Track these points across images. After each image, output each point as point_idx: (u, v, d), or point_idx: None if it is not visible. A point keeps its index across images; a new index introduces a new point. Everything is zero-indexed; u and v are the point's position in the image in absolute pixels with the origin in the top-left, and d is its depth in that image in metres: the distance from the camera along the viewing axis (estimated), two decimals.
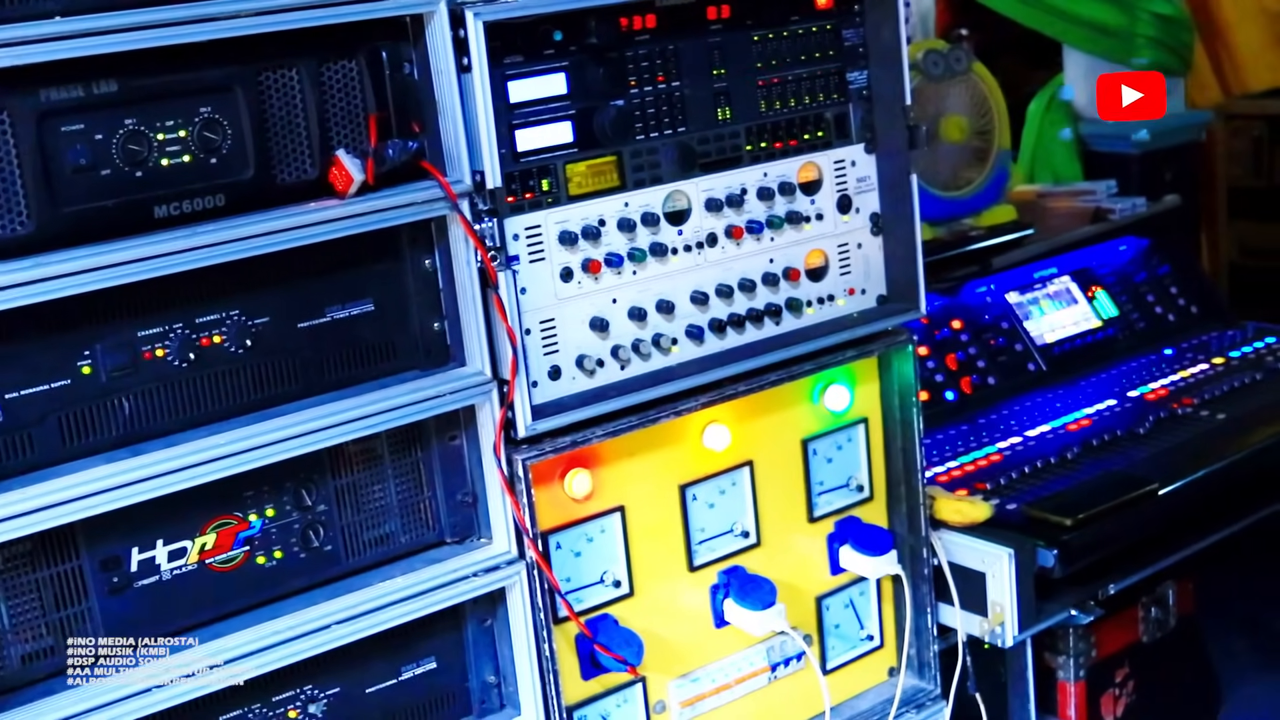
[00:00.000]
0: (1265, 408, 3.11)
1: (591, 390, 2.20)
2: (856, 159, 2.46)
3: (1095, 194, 3.88)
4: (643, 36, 2.20)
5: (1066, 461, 2.87)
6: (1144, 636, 3.08)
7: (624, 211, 2.22)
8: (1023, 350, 3.30)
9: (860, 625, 2.62)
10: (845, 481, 2.55)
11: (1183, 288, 3.65)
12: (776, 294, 2.39)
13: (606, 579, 2.29)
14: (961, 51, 3.45)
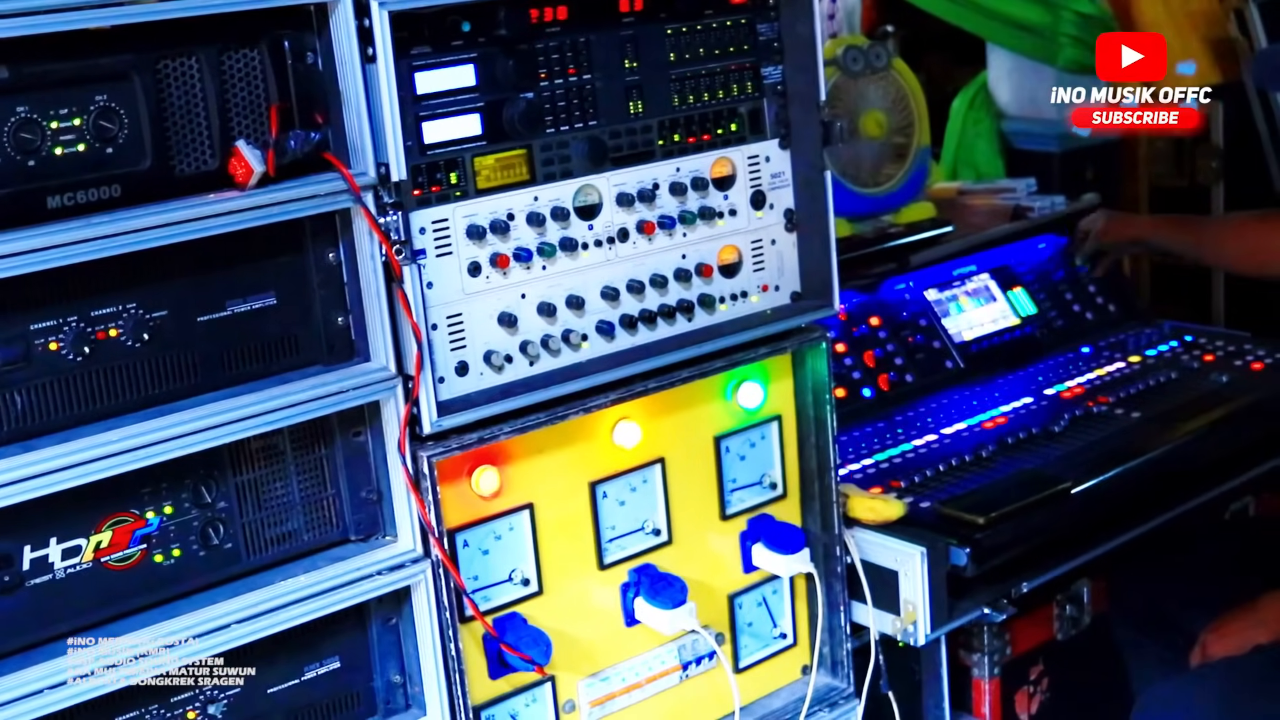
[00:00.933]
0: (1180, 407, 3.13)
1: (499, 386, 2.18)
2: (771, 154, 2.44)
3: (1015, 192, 3.89)
4: (553, 28, 2.18)
5: (981, 459, 2.87)
6: (1058, 634, 3.09)
7: (533, 205, 2.19)
8: (941, 347, 3.31)
9: (773, 623, 2.60)
10: (758, 479, 2.53)
11: (1101, 286, 3.66)
12: (689, 290, 2.37)
13: (515, 577, 2.27)
14: (881, 48, 3.45)
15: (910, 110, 3.49)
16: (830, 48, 3.39)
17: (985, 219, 3.72)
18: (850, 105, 3.39)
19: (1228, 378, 3.22)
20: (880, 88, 3.45)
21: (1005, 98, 4.82)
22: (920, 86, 3.62)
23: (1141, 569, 2.99)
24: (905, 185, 3.52)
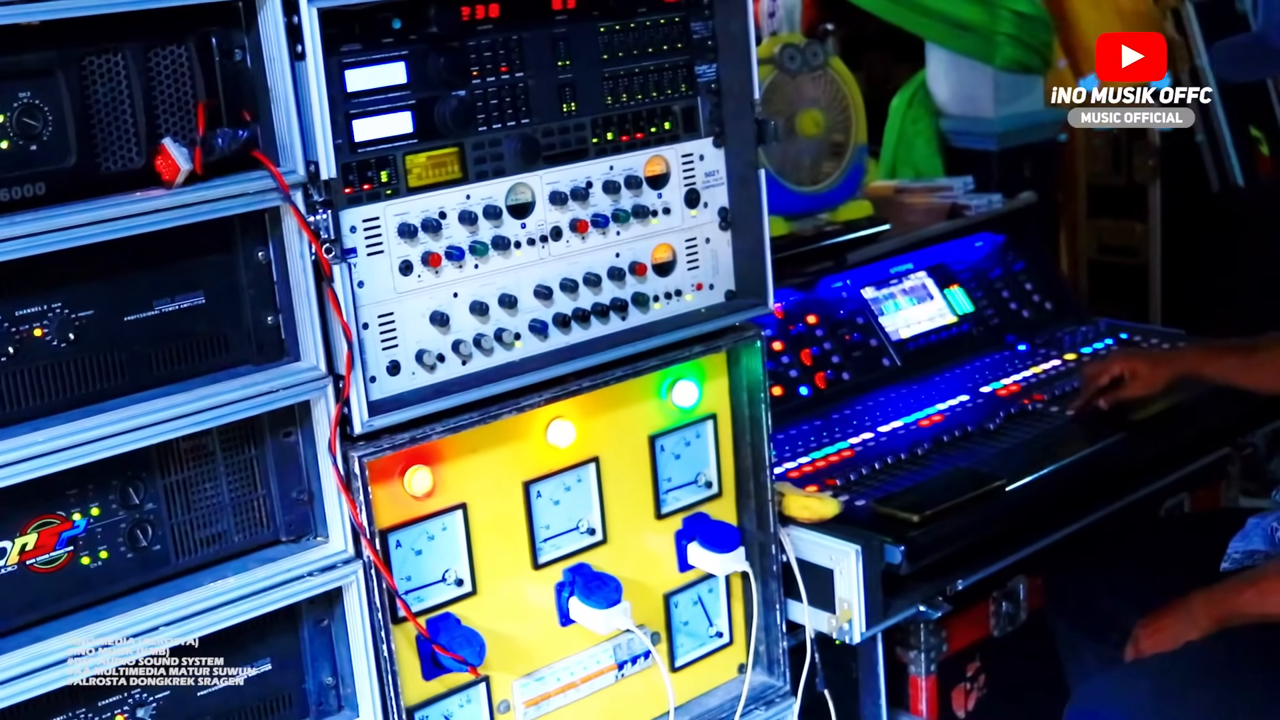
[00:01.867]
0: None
1: (432, 386, 2.16)
2: (705, 153, 2.44)
3: (952, 190, 3.90)
4: (485, 26, 2.17)
5: (917, 457, 2.88)
6: (995, 631, 3.10)
7: (466, 204, 2.18)
8: (877, 345, 3.31)
9: (709, 622, 2.60)
10: (693, 478, 2.53)
11: (1037, 284, 3.68)
12: (623, 289, 2.36)
13: (448, 577, 2.25)
14: (819, 46, 3.45)
15: (847, 109, 3.49)
16: (767, 46, 3.39)
17: (922, 217, 3.72)
18: (787, 104, 3.39)
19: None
20: (817, 86, 3.45)
21: (944, 96, 4.84)
22: (858, 85, 3.62)
23: (1077, 566, 3.00)
24: (842, 183, 3.52)
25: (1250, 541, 2.82)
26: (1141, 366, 3.09)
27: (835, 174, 3.51)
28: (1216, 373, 3.02)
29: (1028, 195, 3.82)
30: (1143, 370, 3.08)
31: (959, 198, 3.81)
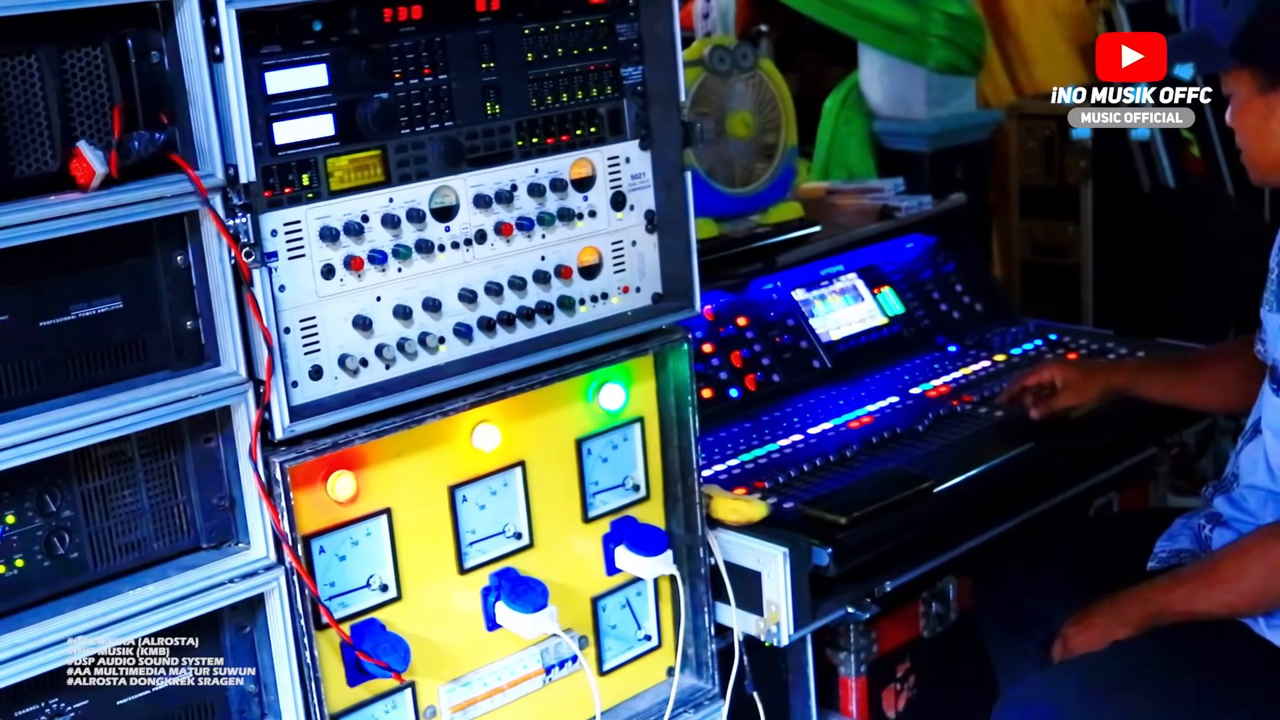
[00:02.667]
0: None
1: (355, 390, 2.15)
2: (631, 155, 2.43)
3: (883, 191, 3.91)
4: (408, 28, 2.15)
5: (846, 459, 2.88)
6: (925, 632, 3.11)
7: (389, 207, 2.16)
8: (808, 347, 3.32)
9: (638, 626, 2.59)
10: (621, 481, 2.52)
11: (967, 285, 3.69)
12: (548, 292, 2.35)
13: (373, 583, 2.24)
14: (748, 48, 3.44)
15: (778, 110, 3.49)
16: (697, 48, 3.39)
17: (853, 219, 3.73)
18: (717, 105, 3.39)
19: None
20: (747, 88, 3.45)
21: (876, 98, 4.86)
22: (788, 86, 3.62)
23: (1006, 566, 3.01)
24: (773, 185, 3.53)
25: (1177, 541, 2.84)
26: (1074, 376, 3.10)
27: (766, 176, 3.51)
28: (1147, 391, 3.03)
29: (958, 197, 3.83)
30: (1075, 380, 3.09)
31: (890, 199, 3.82)
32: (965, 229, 3.83)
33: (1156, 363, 3.10)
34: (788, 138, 3.53)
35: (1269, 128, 2.50)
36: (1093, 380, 3.09)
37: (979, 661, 3.07)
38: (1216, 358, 3.01)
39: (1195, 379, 3.00)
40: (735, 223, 3.49)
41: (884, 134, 4.82)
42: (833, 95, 4.95)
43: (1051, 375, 3.09)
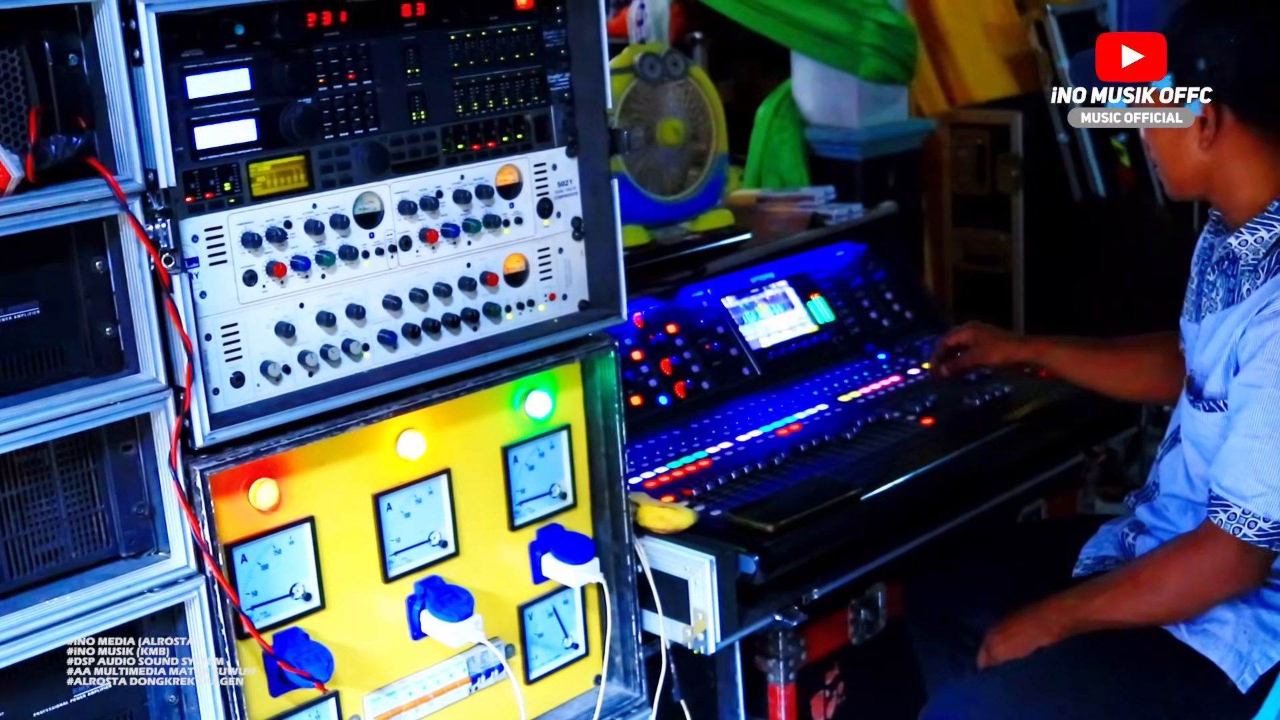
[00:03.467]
0: (969, 413, 3.18)
1: (277, 398, 2.13)
2: (558, 162, 2.43)
3: (813, 199, 3.92)
4: (332, 33, 2.13)
5: (774, 467, 2.89)
6: (854, 638, 3.11)
7: (312, 213, 2.15)
8: (738, 355, 3.32)
9: (565, 634, 2.59)
10: (548, 489, 2.52)
11: (897, 293, 3.71)
12: (474, 299, 2.34)
13: (296, 592, 2.22)
14: (678, 55, 3.44)
15: (708, 118, 3.50)
16: (627, 55, 3.39)
17: (784, 226, 3.73)
18: (648, 113, 3.39)
19: (1018, 384, 3.26)
20: (678, 95, 3.45)
21: (809, 106, 4.87)
22: (725, 93, 3.63)
23: (934, 573, 3.03)
24: (703, 193, 3.53)
25: (1102, 547, 2.86)
26: (984, 336, 3.18)
27: (696, 183, 3.51)
28: (1054, 361, 3.09)
29: (888, 205, 3.85)
30: (984, 340, 3.17)
31: (820, 207, 3.82)
32: (896, 237, 3.84)
33: (1071, 341, 3.14)
34: (718, 145, 3.53)
35: (1182, 144, 2.53)
36: (1001, 344, 3.17)
37: (908, 668, 3.09)
38: (1133, 346, 3.05)
39: (1106, 362, 3.05)
40: (665, 230, 3.49)
41: (816, 142, 4.83)
42: (766, 103, 4.96)
43: (968, 335, 3.19)
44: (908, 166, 4.92)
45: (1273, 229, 2.48)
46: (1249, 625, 2.52)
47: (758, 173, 4.85)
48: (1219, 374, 2.52)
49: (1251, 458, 2.39)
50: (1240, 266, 2.53)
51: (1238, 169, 2.52)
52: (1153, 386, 2.99)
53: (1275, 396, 2.37)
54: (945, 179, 5.60)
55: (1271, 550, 2.41)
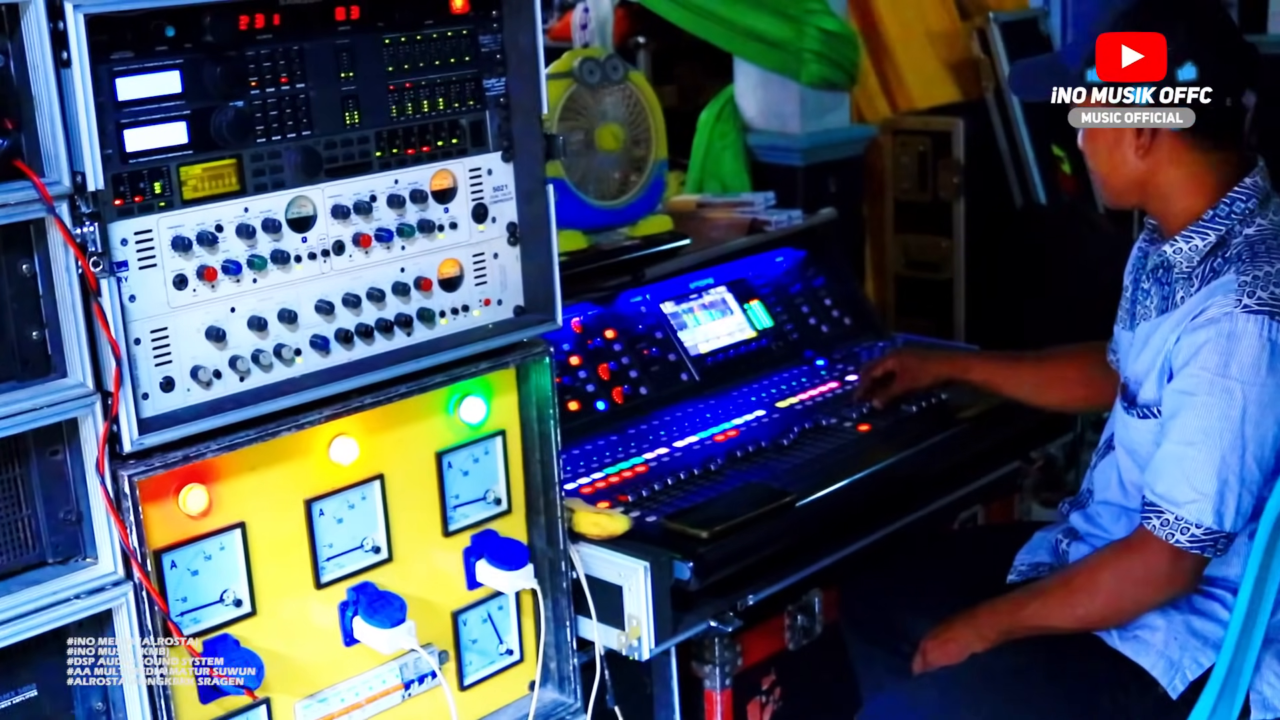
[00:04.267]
0: (906, 419, 3.18)
1: (208, 403, 2.11)
2: (493, 167, 2.42)
3: (753, 205, 3.92)
4: (265, 35, 2.12)
5: (710, 473, 2.89)
6: (790, 644, 3.12)
7: (243, 217, 2.13)
8: (676, 360, 3.32)
9: (499, 640, 2.58)
10: (482, 495, 2.51)
11: (836, 299, 3.71)
12: (408, 304, 2.33)
13: (226, 598, 2.20)
14: (618, 60, 3.44)
15: (647, 123, 3.49)
16: (567, 59, 3.38)
17: (723, 232, 3.73)
18: (587, 118, 3.38)
19: (955, 391, 3.27)
20: (618, 100, 3.44)
21: (751, 111, 4.88)
22: (666, 98, 3.63)
23: (870, 579, 3.04)
24: (642, 198, 3.53)
25: (1036, 554, 2.87)
26: (910, 362, 3.23)
27: (636, 188, 3.51)
28: (980, 377, 3.14)
29: (828, 211, 3.85)
30: (911, 365, 3.22)
31: (760, 213, 3.83)
32: (835, 243, 3.85)
33: (997, 354, 3.18)
34: (658, 151, 3.53)
35: (1119, 152, 2.55)
36: (927, 366, 3.22)
37: (844, 674, 3.09)
38: (1059, 357, 3.09)
39: (1033, 374, 3.08)
40: (605, 235, 3.49)
41: (758, 147, 4.84)
42: (708, 108, 4.96)
43: (893, 363, 3.23)
44: (849, 172, 4.93)
45: (1207, 237, 2.50)
46: (1180, 632, 2.54)
47: (700, 178, 4.85)
48: (1153, 381, 2.54)
49: (1184, 464, 2.41)
50: (1175, 274, 2.55)
51: (1173, 178, 2.54)
52: (1079, 397, 3.03)
53: (1208, 403, 2.39)
54: (887, 185, 5.61)
55: (1204, 556, 2.43)
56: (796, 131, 4.79)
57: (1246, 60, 2.51)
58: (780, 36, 4.66)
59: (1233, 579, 2.51)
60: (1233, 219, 2.50)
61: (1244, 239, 2.47)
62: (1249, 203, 2.50)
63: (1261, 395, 2.36)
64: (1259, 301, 2.37)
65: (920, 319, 5.57)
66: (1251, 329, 2.36)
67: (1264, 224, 2.49)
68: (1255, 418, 2.36)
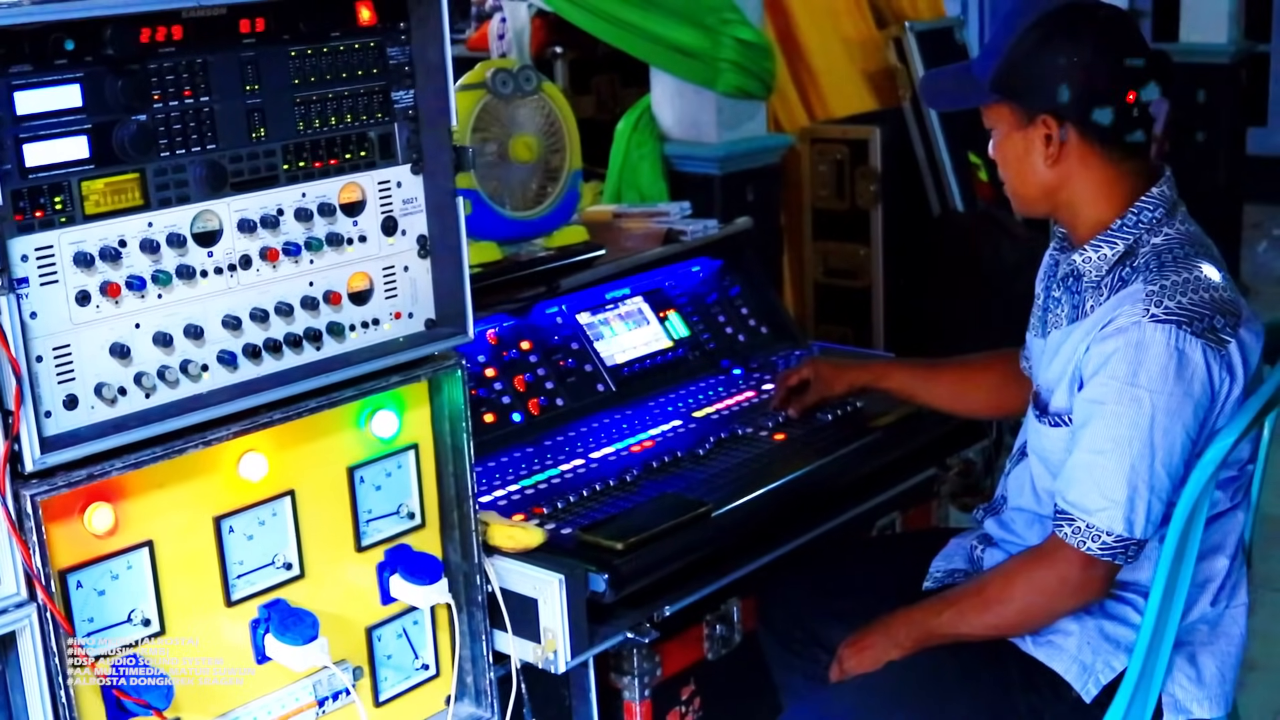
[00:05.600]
0: (822, 428, 3.19)
1: (112, 420, 2.08)
2: (403, 180, 2.41)
3: (669, 215, 3.92)
4: (168, 48, 2.10)
5: (626, 484, 2.88)
6: (709, 654, 3.11)
7: (148, 232, 2.10)
8: (592, 371, 3.31)
9: (414, 655, 2.56)
10: (395, 509, 2.49)
11: (753, 308, 3.72)
12: (317, 318, 2.31)
13: (135, 618, 2.17)
14: (531, 71, 3.43)
15: (561, 134, 3.49)
16: (479, 70, 3.37)
17: (640, 242, 3.73)
18: (500, 129, 3.37)
19: (871, 398, 3.28)
20: (531, 111, 3.43)
21: (668, 121, 4.89)
22: (584, 108, 3.62)
23: (788, 587, 3.04)
24: (557, 209, 3.52)
25: (951, 560, 2.89)
26: (825, 371, 3.24)
27: (550, 199, 3.50)
28: (895, 384, 3.17)
29: (744, 221, 3.85)
30: (825, 374, 3.24)
31: (676, 223, 3.83)
32: (752, 252, 3.85)
33: (912, 362, 3.21)
34: (572, 161, 3.52)
35: (1028, 161, 2.56)
36: (843, 374, 3.23)
37: (764, 682, 3.10)
38: (973, 364, 3.11)
39: (947, 381, 3.11)
40: (519, 247, 3.48)
41: (675, 157, 4.85)
42: (625, 118, 4.97)
43: (808, 372, 3.24)
44: (767, 181, 4.95)
45: (1115, 246, 2.52)
46: (1092, 636, 2.56)
47: (617, 188, 4.85)
48: (1064, 389, 2.56)
49: (1095, 473, 2.42)
50: (1084, 283, 2.57)
51: (1082, 187, 2.56)
52: (994, 404, 3.06)
53: (1118, 412, 2.41)
54: (805, 193, 5.64)
55: (1115, 563, 2.45)
56: (713, 141, 4.80)
57: (1155, 69, 2.53)
58: (696, 46, 4.67)
59: (1144, 583, 2.53)
60: (1140, 228, 2.52)
61: (1151, 248, 2.50)
62: (1156, 212, 2.53)
63: (1169, 403, 2.38)
64: (1166, 311, 2.39)
65: (839, 326, 5.60)
66: (1159, 338, 2.38)
67: (1171, 233, 2.52)
68: (1164, 425, 2.38)
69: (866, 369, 3.23)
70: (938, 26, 6.09)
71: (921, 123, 5.69)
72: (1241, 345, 2.43)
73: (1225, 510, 2.56)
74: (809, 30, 5.71)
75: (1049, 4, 2.54)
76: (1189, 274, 2.44)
